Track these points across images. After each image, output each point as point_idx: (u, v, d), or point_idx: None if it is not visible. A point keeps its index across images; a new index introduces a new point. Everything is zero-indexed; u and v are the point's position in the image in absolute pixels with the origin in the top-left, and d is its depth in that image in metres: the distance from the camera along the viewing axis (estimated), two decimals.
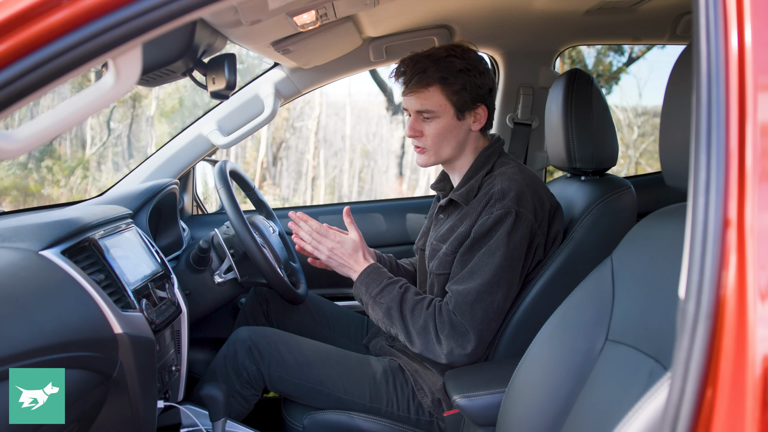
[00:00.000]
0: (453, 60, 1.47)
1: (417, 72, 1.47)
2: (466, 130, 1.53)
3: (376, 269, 1.53)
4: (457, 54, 1.48)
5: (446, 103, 1.48)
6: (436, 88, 1.47)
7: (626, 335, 1.00)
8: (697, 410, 0.60)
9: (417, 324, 1.43)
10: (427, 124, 1.50)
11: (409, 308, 1.45)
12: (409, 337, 1.44)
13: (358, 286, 1.52)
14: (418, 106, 1.49)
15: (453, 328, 1.40)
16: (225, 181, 1.72)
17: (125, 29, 0.68)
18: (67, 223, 1.30)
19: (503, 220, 1.41)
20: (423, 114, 1.50)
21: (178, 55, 1.17)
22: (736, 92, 0.63)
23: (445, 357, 1.41)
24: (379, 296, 1.48)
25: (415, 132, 1.52)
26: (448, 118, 1.49)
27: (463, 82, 1.47)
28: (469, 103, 1.50)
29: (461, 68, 1.47)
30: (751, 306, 0.60)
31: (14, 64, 0.66)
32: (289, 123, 11.97)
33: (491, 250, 1.41)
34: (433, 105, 1.48)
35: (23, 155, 2.93)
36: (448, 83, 1.47)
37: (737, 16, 0.64)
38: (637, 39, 2.25)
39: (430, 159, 1.54)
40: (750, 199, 0.61)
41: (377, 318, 1.50)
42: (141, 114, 10.86)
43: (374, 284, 1.50)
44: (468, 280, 1.42)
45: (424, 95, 1.48)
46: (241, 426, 1.54)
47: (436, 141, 1.51)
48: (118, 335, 1.18)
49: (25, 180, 9.51)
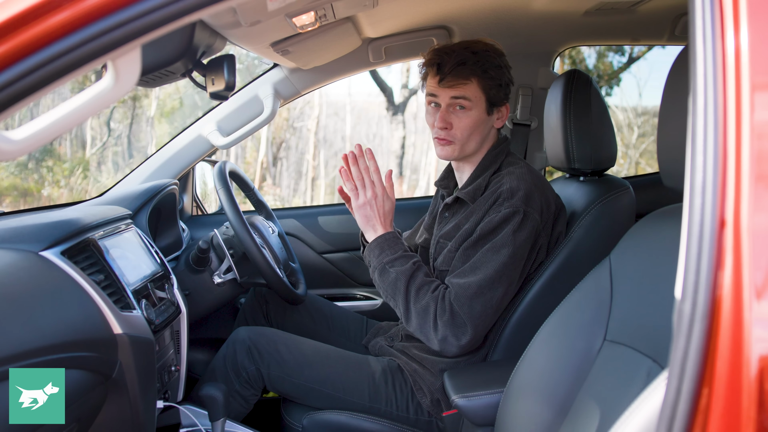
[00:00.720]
0: (490, 55, 1.49)
1: (457, 63, 1.47)
2: (490, 127, 1.54)
3: (394, 237, 1.51)
4: (491, 50, 1.50)
5: (482, 96, 1.49)
6: (476, 80, 1.48)
7: (624, 335, 1.00)
8: (693, 410, 0.61)
9: (419, 304, 1.42)
10: (457, 116, 1.50)
11: (416, 286, 1.44)
12: (407, 313, 1.44)
13: (373, 248, 1.50)
14: (456, 93, 1.48)
15: (452, 317, 1.40)
16: (224, 182, 1.73)
17: (124, 31, 0.68)
18: (66, 224, 1.30)
19: (510, 219, 1.41)
20: (458, 104, 1.49)
21: (177, 57, 1.17)
22: (732, 93, 0.64)
23: (437, 343, 1.41)
24: (390, 264, 1.46)
25: (444, 123, 1.50)
26: (479, 112, 1.50)
27: (500, 77, 1.50)
28: (501, 99, 1.52)
29: (498, 64, 1.49)
30: (746, 306, 0.60)
31: (14, 66, 0.67)
32: (289, 123, 11.97)
33: (496, 247, 1.41)
34: (470, 96, 1.48)
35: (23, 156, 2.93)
36: (488, 77, 1.48)
37: (733, 18, 0.65)
38: (636, 39, 2.26)
39: (455, 152, 1.52)
40: (746, 199, 0.62)
41: (381, 285, 1.48)
42: (141, 114, 10.86)
43: (389, 251, 1.48)
44: (469, 274, 1.41)
45: (462, 86, 1.48)
46: (240, 426, 1.54)
47: (466, 134, 1.50)
48: (118, 335, 1.18)
49: (26, 180, 9.51)
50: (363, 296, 2.27)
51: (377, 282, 1.50)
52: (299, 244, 2.25)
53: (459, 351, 1.42)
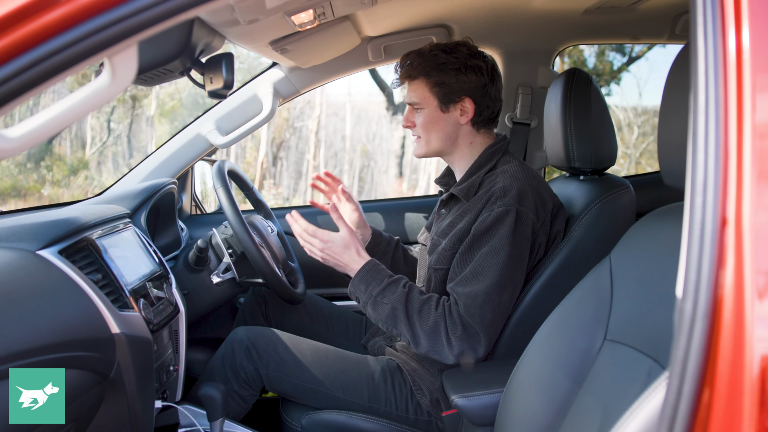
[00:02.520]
0: (438, 54, 1.53)
1: (404, 65, 1.57)
2: (454, 123, 1.56)
3: (374, 267, 1.49)
4: (445, 50, 1.53)
5: (429, 95, 1.54)
6: (421, 81, 1.55)
7: (624, 335, 1.00)
8: (694, 410, 0.60)
9: (426, 325, 1.40)
10: (417, 115, 1.57)
11: (416, 309, 1.41)
12: (415, 337, 1.41)
13: (357, 284, 1.48)
14: (408, 98, 1.58)
15: (465, 330, 1.38)
16: (223, 181, 1.72)
17: (121, 28, 0.67)
18: (64, 223, 1.30)
19: (503, 219, 1.41)
20: (413, 105, 1.58)
21: (175, 55, 1.16)
22: (733, 91, 0.63)
23: (454, 358, 1.39)
24: (381, 296, 1.44)
25: (407, 122, 1.61)
26: (431, 110, 1.55)
27: (443, 76, 1.53)
28: (452, 95, 1.53)
29: (443, 61, 1.52)
30: (748, 305, 0.60)
31: (10, 63, 0.66)
32: (289, 123, 11.98)
33: (495, 249, 1.40)
34: (418, 97, 1.55)
35: (21, 154, 2.87)
36: (430, 75, 1.53)
37: (735, 16, 0.64)
38: (636, 38, 2.25)
39: (422, 149, 1.60)
40: (747, 198, 0.61)
41: (378, 318, 1.46)
42: (141, 114, 10.86)
43: (374, 283, 1.46)
44: (473, 282, 1.40)
45: (411, 87, 1.57)
46: (239, 426, 1.54)
47: (423, 131, 1.57)
48: (116, 335, 1.18)
49: (25, 180, 9.51)
50: None
51: (372, 315, 1.48)
52: (298, 243, 2.24)
53: (475, 361, 1.41)
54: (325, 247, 1.51)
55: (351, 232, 1.51)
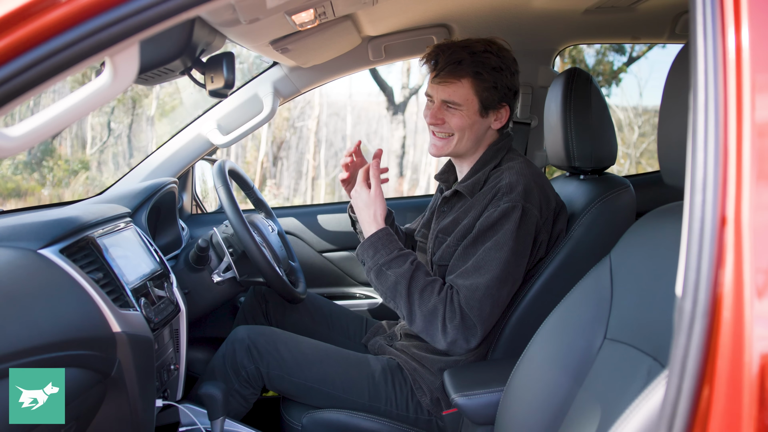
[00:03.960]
0: (489, 56, 1.46)
1: (451, 62, 1.46)
2: (486, 128, 1.53)
3: (387, 235, 1.47)
4: (494, 51, 1.47)
5: (474, 98, 1.47)
6: (468, 81, 1.46)
7: (624, 333, 1.00)
8: (694, 408, 0.60)
9: (425, 306, 1.39)
10: (450, 114, 1.49)
11: (419, 288, 1.41)
12: (411, 315, 1.41)
13: (366, 248, 1.46)
14: (445, 96, 1.48)
15: (463, 321, 1.38)
16: (224, 180, 1.72)
17: (122, 27, 0.68)
18: (65, 222, 1.30)
19: (509, 215, 1.40)
20: (447, 104, 1.49)
21: (176, 54, 1.16)
22: (733, 90, 0.63)
23: (446, 345, 1.39)
24: (387, 266, 1.43)
25: (437, 120, 1.50)
26: (471, 113, 1.49)
27: (495, 80, 1.47)
28: (496, 102, 1.49)
29: (495, 66, 1.47)
30: (747, 304, 0.60)
31: (11, 62, 0.66)
32: (289, 123, 11.97)
33: (498, 244, 1.40)
34: (460, 98, 1.47)
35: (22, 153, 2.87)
36: (481, 78, 1.46)
37: (734, 15, 0.64)
38: (636, 38, 2.25)
39: (448, 148, 1.52)
40: (746, 197, 0.61)
41: (379, 287, 1.45)
42: (141, 114, 10.86)
43: (384, 251, 1.44)
44: (475, 275, 1.40)
45: (453, 86, 1.47)
46: (240, 425, 1.54)
47: (459, 132, 1.50)
48: (117, 334, 1.18)
49: (26, 180, 9.51)
50: (362, 295, 2.27)
51: (374, 282, 1.47)
52: (299, 242, 2.25)
53: (466, 351, 1.41)
54: (355, 194, 1.51)
55: (378, 194, 1.49)
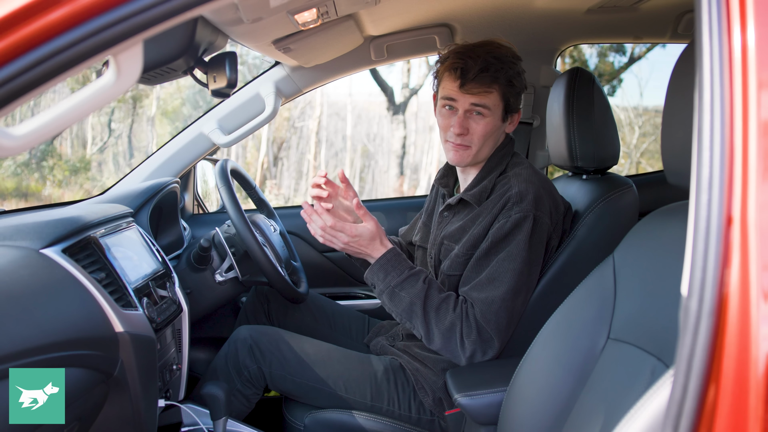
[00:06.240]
0: (514, 62, 1.46)
1: (481, 69, 1.43)
2: (502, 132, 1.53)
3: (396, 256, 1.47)
4: (512, 56, 1.47)
5: (500, 103, 1.47)
6: (498, 88, 1.45)
7: (628, 333, 1.00)
8: (699, 408, 0.60)
9: (442, 324, 1.40)
10: (475, 121, 1.47)
11: (434, 307, 1.41)
12: (429, 334, 1.42)
13: (376, 272, 1.46)
14: (476, 100, 1.45)
15: (479, 334, 1.39)
16: (226, 180, 1.72)
17: (125, 26, 0.67)
18: (67, 222, 1.30)
19: (522, 225, 1.40)
20: (475, 110, 1.46)
21: (179, 54, 1.16)
22: (739, 89, 0.63)
23: (465, 360, 1.41)
24: (399, 287, 1.43)
25: (462, 129, 1.47)
26: (495, 119, 1.48)
27: (520, 85, 1.48)
28: (517, 106, 1.51)
29: (519, 71, 1.48)
30: (754, 304, 0.60)
31: (14, 62, 0.66)
32: (290, 123, 11.98)
33: (512, 255, 1.40)
34: (491, 103, 1.45)
35: (24, 153, 2.88)
36: (510, 85, 1.46)
37: (740, 14, 0.64)
38: (639, 38, 2.25)
39: (469, 157, 1.49)
40: (753, 196, 0.61)
41: (393, 309, 1.45)
42: (142, 114, 10.87)
43: (394, 273, 1.44)
44: (489, 287, 1.40)
45: (486, 94, 1.45)
46: (242, 425, 1.54)
47: (482, 140, 1.48)
48: (119, 334, 1.18)
49: (27, 180, 9.52)
50: (365, 295, 2.27)
51: (387, 304, 1.46)
52: (301, 242, 2.25)
53: (484, 361, 1.42)
54: (352, 241, 1.46)
55: (377, 224, 1.48)
